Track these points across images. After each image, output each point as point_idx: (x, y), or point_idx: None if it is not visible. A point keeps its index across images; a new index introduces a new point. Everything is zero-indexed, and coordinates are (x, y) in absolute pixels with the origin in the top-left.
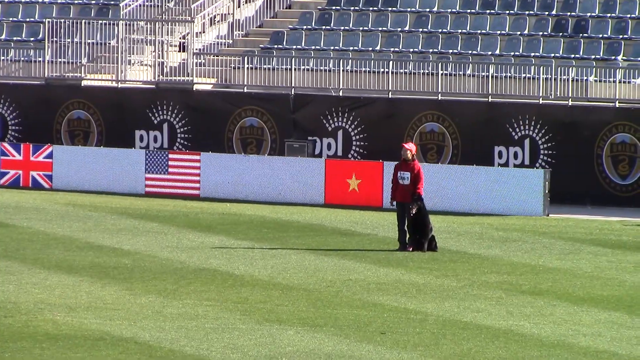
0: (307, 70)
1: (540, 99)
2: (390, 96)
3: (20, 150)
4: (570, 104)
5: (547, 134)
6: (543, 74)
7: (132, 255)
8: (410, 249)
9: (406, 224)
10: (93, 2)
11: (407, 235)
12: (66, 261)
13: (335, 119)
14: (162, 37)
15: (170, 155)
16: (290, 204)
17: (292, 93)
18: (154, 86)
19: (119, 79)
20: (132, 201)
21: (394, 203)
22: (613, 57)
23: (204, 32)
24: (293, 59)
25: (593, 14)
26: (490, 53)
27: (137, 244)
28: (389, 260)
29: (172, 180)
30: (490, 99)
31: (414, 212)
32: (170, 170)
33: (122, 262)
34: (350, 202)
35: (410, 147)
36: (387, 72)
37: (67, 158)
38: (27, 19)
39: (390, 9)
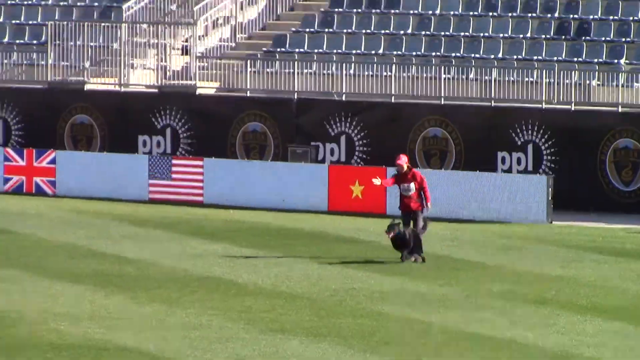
0: (310, 74)
1: (543, 103)
2: (393, 100)
3: (23, 155)
4: (573, 108)
5: (550, 139)
6: (546, 78)
7: (136, 264)
8: (413, 260)
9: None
10: (96, 4)
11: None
12: (69, 269)
13: (339, 124)
14: (164, 40)
15: (174, 161)
16: (294, 211)
17: (295, 97)
18: (156, 90)
19: (122, 82)
20: (136, 207)
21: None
22: (616, 61)
23: (206, 35)
24: (296, 63)
25: (596, 17)
26: (493, 56)
27: (140, 252)
28: (393, 269)
29: (176, 186)
30: (493, 104)
31: (390, 236)
32: (173, 176)
33: (125, 270)
34: (354, 208)
35: (404, 161)
36: (390, 76)
37: (71, 163)
38: (30, 22)
39: (392, 11)
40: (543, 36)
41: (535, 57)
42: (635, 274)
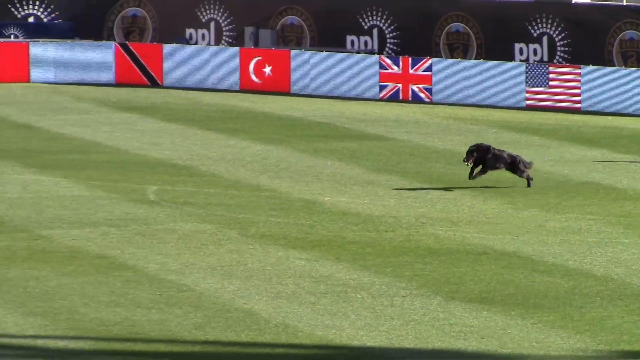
0: None
1: None
2: None
3: (399, 63)
4: None
5: None
6: None
7: None
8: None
9: None
10: None
11: None
12: (447, 175)
13: None
14: None
15: (550, 69)
16: None
17: None
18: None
19: None
20: (514, 114)
21: None
22: None
23: None
24: None
25: None
26: None
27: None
28: None
29: (553, 93)
30: None
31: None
32: (550, 83)
33: (503, 175)
34: None
35: None
36: None
37: (447, 71)
38: None
39: None
40: None
41: None
42: None
